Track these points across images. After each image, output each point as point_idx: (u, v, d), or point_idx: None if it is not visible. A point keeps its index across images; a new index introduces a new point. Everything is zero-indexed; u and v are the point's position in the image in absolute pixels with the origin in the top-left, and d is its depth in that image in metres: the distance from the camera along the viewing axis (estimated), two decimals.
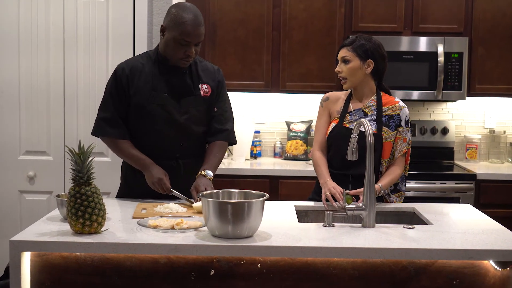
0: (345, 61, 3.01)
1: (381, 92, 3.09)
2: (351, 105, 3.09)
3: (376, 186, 2.86)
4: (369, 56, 3.00)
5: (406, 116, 3.06)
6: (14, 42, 4.19)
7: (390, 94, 3.13)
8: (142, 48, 4.14)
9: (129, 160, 3.03)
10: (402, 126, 3.04)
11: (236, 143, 3.23)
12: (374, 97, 3.06)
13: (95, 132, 3.06)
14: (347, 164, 2.96)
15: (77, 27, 4.18)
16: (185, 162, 3.04)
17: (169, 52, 2.95)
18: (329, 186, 2.92)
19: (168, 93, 2.99)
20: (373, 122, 3.02)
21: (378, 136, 2.99)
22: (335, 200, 2.85)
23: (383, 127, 3.02)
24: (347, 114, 3.07)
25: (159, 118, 2.98)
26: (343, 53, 3.03)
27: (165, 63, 3.01)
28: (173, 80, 3.01)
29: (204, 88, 3.06)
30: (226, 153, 4.76)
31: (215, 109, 3.11)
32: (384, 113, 3.04)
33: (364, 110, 3.05)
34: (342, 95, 3.16)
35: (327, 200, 2.89)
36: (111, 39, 4.18)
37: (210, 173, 2.96)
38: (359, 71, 3.01)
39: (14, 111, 4.22)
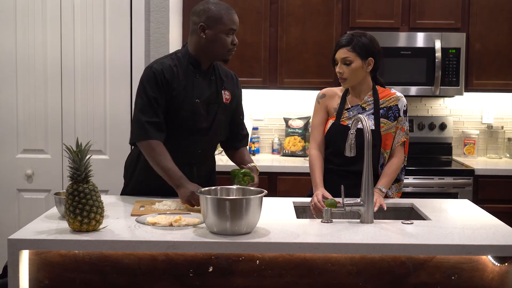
0: (347, 62, 2.97)
1: (376, 86, 3.09)
2: (348, 101, 3.08)
3: (376, 189, 2.87)
4: (369, 54, 2.98)
5: (404, 106, 3.07)
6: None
7: (384, 87, 3.13)
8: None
9: (162, 172, 2.81)
10: (400, 116, 3.04)
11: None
12: (371, 92, 3.06)
13: (138, 137, 2.85)
14: (347, 161, 2.96)
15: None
16: (198, 168, 3.03)
17: (219, 48, 2.88)
18: (317, 198, 2.82)
19: (199, 99, 2.92)
20: (372, 116, 3.02)
21: (376, 132, 2.99)
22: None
23: (382, 119, 3.02)
24: (345, 111, 3.07)
25: (185, 125, 2.91)
26: (343, 53, 2.97)
27: (197, 66, 2.93)
28: (203, 86, 2.95)
29: (226, 95, 3.02)
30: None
31: (241, 117, 3.16)
32: (382, 106, 3.04)
33: (362, 106, 3.05)
34: (338, 91, 3.15)
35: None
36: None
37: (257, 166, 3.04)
38: (360, 70, 2.99)
39: (11, 109, 4.21)
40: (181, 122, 2.90)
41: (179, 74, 2.89)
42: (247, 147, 3.22)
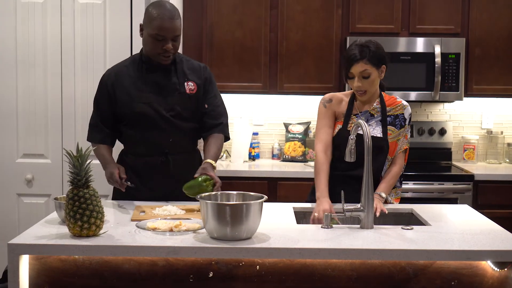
0: (365, 75, 2.93)
1: (382, 93, 3.09)
2: (356, 106, 3.07)
3: (376, 194, 2.86)
4: (381, 61, 2.96)
5: (410, 114, 3.09)
6: (12, 47, 4.18)
7: (385, 90, 3.13)
8: (139, 49, 4.13)
9: (100, 161, 3.12)
10: (406, 125, 3.05)
11: (229, 138, 3.25)
12: (378, 99, 3.06)
13: (87, 138, 3.22)
14: (352, 166, 2.92)
15: (75, 31, 4.17)
16: (174, 158, 3.09)
17: (148, 49, 3.03)
18: (319, 209, 2.79)
19: (153, 92, 3.06)
20: (380, 123, 3.02)
21: (383, 139, 2.99)
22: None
23: (390, 126, 3.03)
24: (353, 116, 3.06)
25: (147, 116, 3.05)
26: (361, 67, 2.91)
27: (150, 62, 3.08)
28: (158, 79, 3.08)
29: (190, 86, 3.11)
30: (224, 155, 4.77)
31: (206, 106, 3.15)
32: (389, 113, 3.05)
33: (371, 112, 3.05)
34: (344, 96, 3.12)
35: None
36: (109, 41, 4.17)
37: (212, 162, 3.01)
38: (377, 80, 2.98)
39: (11, 115, 4.21)
40: (141, 114, 3.05)
41: (130, 72, 3.09)
42: (220, 135, 3.15)
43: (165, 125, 3.06)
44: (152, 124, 3.06)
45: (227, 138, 3.21)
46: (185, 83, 3.11)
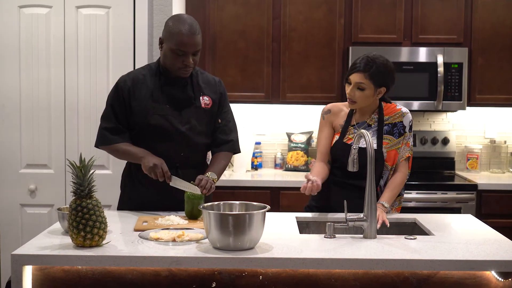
0: (360, 88, 2.95)
1: (382, 103, 3.09)
2: (354, 118, 3.09)
3: (379, 204, 2.86)
4: (383, 84, 2.97)
5: (410, 122, 3.08)
6: (15, 56, 4.20)
7: (390, 102, 3.13)
8: (142, 60, 4.16)
9: (126, 157, 3.07)
10: (406, 132, 3.05)
11: (240, 151, 3.26)
12: (377, 109, 3.07)
13: (99, 142, 3.09)
14: (351, 175, 2.94)
15: (78, 40, 4.19)
16: (185, 172, 3.04)
17: (168, 63, 2.99)
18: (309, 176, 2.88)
19: (169, 104, 3.03)
20: (376, 133, 3.02)
21: (378, 151, 2.99)
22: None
23: (387, 135, 3.03)
24: (351, 127, 3.07)
25: (161, 128, 3.01)
26: (359, 78, 2.93)
27: (167, 74, 3.05)
28: (174, 92, 3.05)
29: (205, 100, 3.09)
30: None
31: (219, 120, 3.15)
32: (387, 122, 3.05)
33: (369, 123, 3.05)
34: (344, 107, 3.14)
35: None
36: (112, 52, 4.20)
37: (214, 175, 3.00)
38: (371, 97, 2.98)
39: (15, 124, 4.23)
40: (155, 126, 3.01)
41: (147, 81, 3.05)
42: (230, 154, 3.17)
43: (178, 138, 3.03)
44: (165, 137, 3.02)
45: (236, 152, 3.23)
46: (201, 98, 3.09)
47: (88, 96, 4.21)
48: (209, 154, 3.24)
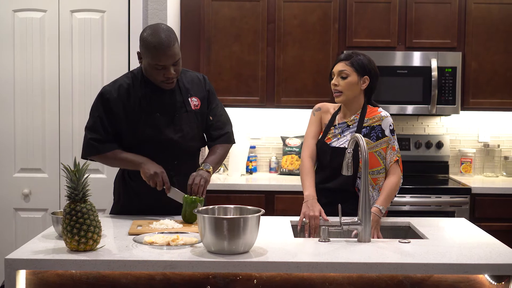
0: (343, 76, 3.02)
1: (367, 106, 3.10)
2: (337, 118, 3.13)
3: (375, 209, 2.85)
4: (366, 72, 3.03)
5: (390, 125, 3.06)
6: (10, 59, 4.19)
7: (375, 105, 3.15)
8: (137, 64, 4.14)
9: (122, 163, 3.01)
10: (387, 136, 3.04)
11: (235, 142, 3.23)
12: (360, 111, 3.09)
13: (86, 153, 3.00)
14: (324, 179, 3.07)
15: (72, 45, 4.19)
16: (179, 179, 3.02)
17: (150, 77, 2.93)
18: (308, 211, 2.89)
19: (159, 112, 2.97)
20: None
21: (354, 151, 3.00)
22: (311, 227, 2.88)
23: (363, 138, 3.03)
24: (332, 127, 3.11)
25: (152, 139, 2.97)
26: (341, 67, 3.04)
27: (150, 81, 2.97)
28: (162, 98, 2.98)
29: (194, 101, 3.05)
30: (222, 169, 4.77)
31: (211, 118, 3.11)
32: (365, 124, 3.06)
33: (348, 123, 3.08)
34: (331, 108, 3.20)
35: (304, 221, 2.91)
36: (106, 56, 4.19)
37: (208, 165, 2.97)
38: (355, 86, 3.02)
39: (9, 128, 4.22)
40: (147, 135, 2.96)
41: (133, 91, 2.96)
42: (226, 145, 3.15)
43: (171, 147, 2.98)
44: (158, 147, 2.97)
45: (232, 143, 3.20)
46: (189, 99, 3.04)
47: (83, 100, 4.20)
48: (204, 149, 3.22)
